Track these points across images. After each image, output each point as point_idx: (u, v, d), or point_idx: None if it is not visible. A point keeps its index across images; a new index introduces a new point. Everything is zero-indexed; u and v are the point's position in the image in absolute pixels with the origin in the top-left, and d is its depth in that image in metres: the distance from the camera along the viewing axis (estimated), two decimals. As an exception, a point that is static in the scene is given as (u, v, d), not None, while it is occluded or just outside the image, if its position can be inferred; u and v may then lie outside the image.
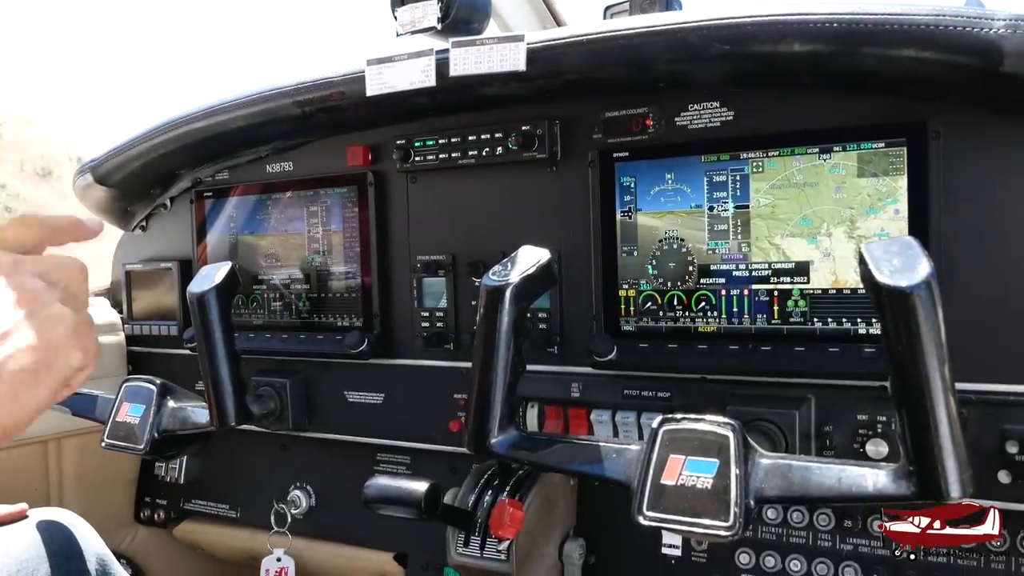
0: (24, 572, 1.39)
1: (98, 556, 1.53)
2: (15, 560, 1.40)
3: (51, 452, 2.00)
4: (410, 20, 1.42)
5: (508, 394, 1.13)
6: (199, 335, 1.41)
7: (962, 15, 1.05)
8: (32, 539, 1.46)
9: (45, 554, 1.45)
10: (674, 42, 1.23)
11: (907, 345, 0.84)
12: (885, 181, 1.25)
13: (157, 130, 1.79)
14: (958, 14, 1.06)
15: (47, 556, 1.44)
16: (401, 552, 1.80)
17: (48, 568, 1.43)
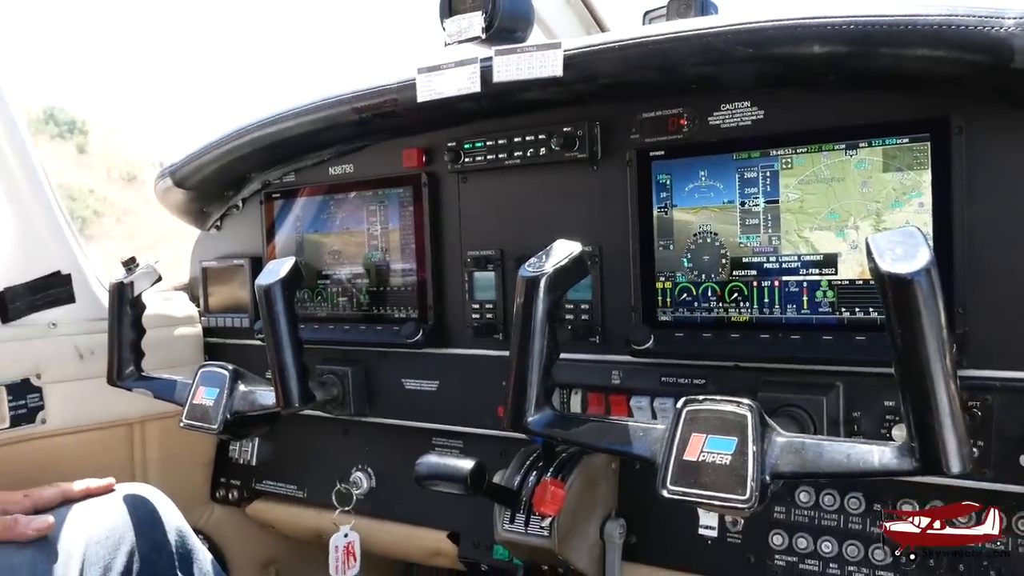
0: (112, 539, 1.55)
1: (177, 528, 1.68)
2: (104, 528, 1.56)
3: (136, 434, 2.17)
4: (457, 30, 1.53)
5: (543, 376, 1.22)
6: (265, 324, 1.54)
7: (973, 14, 1.10)
8: (119, 510, 1.61)
9: (131, 524, 1.60)
10: (700, 46, 1.31)
11: (908, 329, 0.91)
12: (909, 175, 1.30)
13: (229, 137, 1.94)
14: (970, 13, 1.10)
15: (132, 526, 1.60)
16: (454, 531, 1.90)
17: (133, 536, 1.59)
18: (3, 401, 1.89)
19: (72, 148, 40.55)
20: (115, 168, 39.37)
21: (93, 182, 38.21)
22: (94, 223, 36.64)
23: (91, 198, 37.56)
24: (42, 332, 1.97)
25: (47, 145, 39.89)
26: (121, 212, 35.30)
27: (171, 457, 2.23)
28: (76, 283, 2.03)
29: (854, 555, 1.42)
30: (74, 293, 2.03)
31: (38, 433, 1.96)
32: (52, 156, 39.13)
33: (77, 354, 2.01)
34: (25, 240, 1.96)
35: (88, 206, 37.11)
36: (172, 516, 1.69)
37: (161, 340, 2.15)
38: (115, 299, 1.81)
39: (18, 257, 1.95)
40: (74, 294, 2.03)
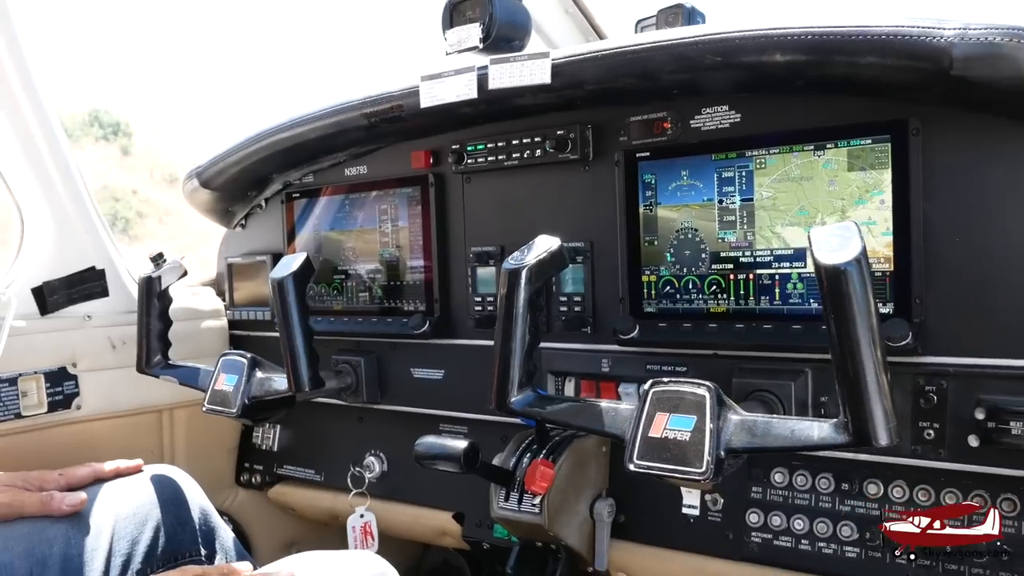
0: (139, 515, 1.67)
1: (201, 506, 1.80)
2: (132, 505, 1.68)
3: (165, 420, 2.32)
4: (457, 40, 1.64)
5: (525, 360, 1.33)
6: (279, 314, 1.66)
7: (917, 25, 1.19)
8: (146, 489, 1.74)
9: (157, 501, 1.72)
10: (674, 55, 1.41)
11: (840, 314, 1.00)
12: (872, 174, 1.38)
13: (250, 140, 2.08)
14: (914, 24, 1.19)
15: (158, 503, 1.72)
16: (459, 512, 2.02)
17: (159, 513, 1.71)
18: (41, 388, 2.04)
19: (116, 150, 41.45)
20: (158, 170, 40.18)
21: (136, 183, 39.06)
22: (137, 224, 37.43)
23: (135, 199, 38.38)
24: (78, 324, 2.12)
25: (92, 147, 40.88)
26: (163, 213, 36.02)
27: (198, 442, 2.37)
28: (109, 278, 2.18)
29: (823, 532, 1.50)
30: (108, 287, 2.18)
31: (73, 418, 2.11)
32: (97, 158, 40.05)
33: (110, 344, 2.16)
34: (62, 238, 2.11)
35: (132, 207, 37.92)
36: (196, 495, 1.81)
37: (189, 332, 2.29)
38: (144, 292, 1.95)
39: (55, 253, 2.11)
40: (108, 288, 2.18)
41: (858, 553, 1.47)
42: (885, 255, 1.38)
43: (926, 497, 1.42)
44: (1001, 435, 1.29)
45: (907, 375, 1.38)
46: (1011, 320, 1.30)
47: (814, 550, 1.51)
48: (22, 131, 2.00)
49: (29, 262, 2.10)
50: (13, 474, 1.63)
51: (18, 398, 1.99)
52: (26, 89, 1.95)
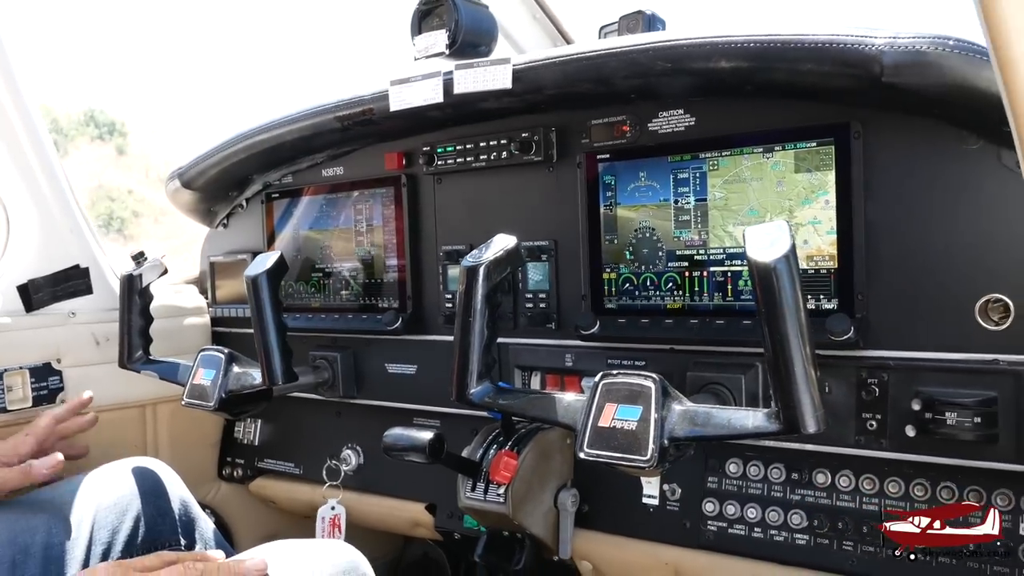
0: (120, 505, 1.73)
1: (181, 497, 1.85)
2: (112, 495, 1.74)
3: (148, 415, 2.37)
4: (425, 47, 1.70)
5: (484, 354, 1.39)
6: (253, 310, 1.72)
7: (851, 34, 1.25)
8: (128, 480, 1.79)
9: (138, 492, 1.78)
10: (626, 61, 1.47)
11: (770, 309, 1.06)
12: (817, 175, 1.44)
13: (229, 142, 2.14)
14: (849, 33, 1.25)
15: (139, 494, 1.77)
16: (431, 503, 2.07)
17: (140, 504, 1.76)
18: (26, 383, 2.10)
19: (112, 150, 41.43)
20: (153, 169, 40.17)
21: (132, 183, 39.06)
22: (133, 223, 37.44)
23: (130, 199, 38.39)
24: (62, 320, 2.18)
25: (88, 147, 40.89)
26: (159, 212, 36.00)
27: (181, 437, 2.42)
28: (93, 276, 2.24)
29: (775, 520, 1.56)
30: (92, 285, 2.24)
31: (58, 412, 2.16)
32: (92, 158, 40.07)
33: (94, 340, 2.22)
34: (47, 237, 2.17)
35: (127, 207, 37.93)
36: (176, 487, 1.86)
37: (172, 329, 2.35)
38: (125, 289, 2.01)
39: (41, 252, 2.17)
40: (92, 286, 2.24)
41: (807, 540, 1.53)
42: (830, 253, 1.44)
43: (871, 486, 1.48)
44: (938, 425, 1.34)
45: (850, 368, 1.44)
46: (946, 315, 1.36)
47: (766, 538, 1.57)
48: (8, 135, 2.06)
49: (15, 260, 2.16)
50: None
51: (3, 392, 2.05)
52: (11, 93, 2.01)
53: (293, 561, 1.49)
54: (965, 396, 1.33)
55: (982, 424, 1.31)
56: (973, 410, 1.32)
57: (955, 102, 1.23)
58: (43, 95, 16.33)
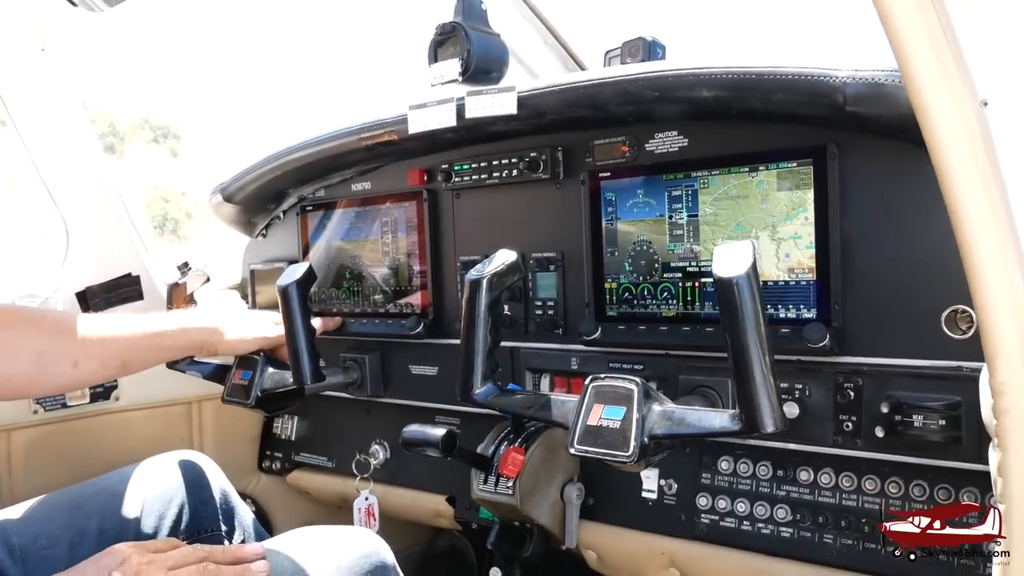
0: (166, 495, 1.89)
1: (222, 488, 2.01)
2: (160, 486, 1.90)
3: (193, 411, 2.56)
4: (440, 74, 1.85)
5: (487, 358, 1.53)
6: (284, 316, 1.88)
7: (817, 67, 1.36)
8: (173, 471, 1.95)
9: (182, 483, 1.93)
10: (618, 90, 1.60)
11: (732, 320, 1.18)
12: (797, 194, 1.55)
13: (267, 160, 2.31)
14: (815, 67, 1.37)
15: (184, 485, 1.93)
16: (451, 495, 2.22)
17: (184, 493, 1.92)
18: (85, 381, 2.29)
19: (166, 152, 42.50)
20: (206, 171, 41.17)
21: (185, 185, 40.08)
22: (186, 224, 38.35)
23: (184, 200, 39.36)
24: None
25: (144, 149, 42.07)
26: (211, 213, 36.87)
27: (223, 432, 2.61)
28: (144, 283, 2.44)
29: (762, 514, 1.68)
30: (142, 291, 2.44)
31: (112, 408, 2.37)
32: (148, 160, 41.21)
33: (145, 342, 2.41)
34: (102, 247, 2.38)
35: (181, 208, 38.87)
36: (217, 478, 2.02)
37: (215, 332, 2.53)
38: (171, 295, 2.19)
39: (96, 262, 2.37)
40: (142, 292, 2.44)
41: (791, 533, 1.64)
42: (809, 266, 1.55)
43: (849, 483, 1.58)
44: (906, 427, 1.45)
45: (828, 373, 1.55)
46: (916, 324, 1.46)
47: (754, 530, 1.68)
48: (71, 160, 2.26)
49: (73, 269, 2.37)
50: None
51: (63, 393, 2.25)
52: (75, 125, 2.21)
53: (321, 545, 1.64)
54: (932, 400, 1.43)
55: (947, 426, 1.41)
56: (939, 413, 1.42)
57: (913, 127, 1.33)
58: (101, 100, 17.06)
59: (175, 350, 1.92)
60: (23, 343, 1.66)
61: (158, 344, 1.85)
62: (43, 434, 2.28)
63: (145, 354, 1.85)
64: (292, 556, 1.55)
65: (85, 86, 4.35)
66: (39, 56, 2.16)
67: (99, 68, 40.43)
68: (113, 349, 1.78)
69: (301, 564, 1.53)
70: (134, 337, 1.80)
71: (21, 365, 1.66)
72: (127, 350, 1.80)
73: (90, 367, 1.76)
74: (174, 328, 1.86)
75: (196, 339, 1.91)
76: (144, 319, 1.84)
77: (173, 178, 39.55)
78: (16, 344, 1.66)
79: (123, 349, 1.79)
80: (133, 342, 1.80)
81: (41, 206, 2.78)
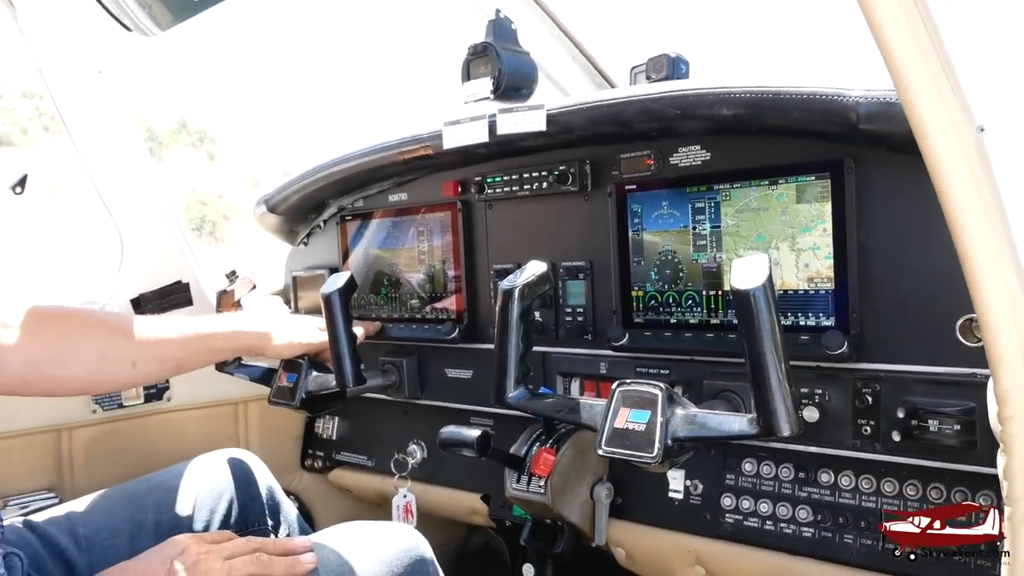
0: (216, 490, 2.00)
1: (268, 485, 2.11)
2: (211, 482, 2.01)
3: (240, 412, 2.69)
4: (472, 92, 1.93)
5: (519, 363, 1.61)
6: (328, 322, 1.99)
7: (832, 87, 1.43)
8: (223, 469, 2.06)
9: (232, 479, 2.04)
10: (641, 108, 1.68)
11: (749, 330, 1.25)
12: (816, 206, 1.61)
13: (308, 173, 2.43)
14: (830, 87, 1.43)
15: (233, 481, 2.04)
16: (486, 494, 2.31)
17: (233, 489, 2.03)
18: (140, 383, 2.43)
19: (203, 155, 43.23)
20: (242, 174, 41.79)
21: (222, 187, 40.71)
22: (223, 226, 38.97)
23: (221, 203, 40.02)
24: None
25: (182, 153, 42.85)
26: (247, 216, 37.41)
27: (268, 431, 2.73)
28: (193, 290, 2.56)
29: (784, 514, 1.74)
30: (192, 298, 2.56)
31: (164, 408, 2.50)
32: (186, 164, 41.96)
33: (194, 347, 2.54)
34: (155, 257, 2.51)
35: (219, 210, 39.52)
36: (264, 475, 2.13)
37: (260, 336, 2.65)
38: (219, 302, 2.31)
39: (149, 270, 2.50)
40: (192, 298, 2.56)
41: (812, 533, 1.70)
42: (828, 276, 1.61)
43: (869, 485, 1.64)
44: (922, 432, 1.50)
45: (847, 379, 1.61)
46: (932, 332, 1.51)
47: (776, 530, 1.75)
48: (124, 172, 2.40)
49: (128, 277, 2.50)
50: None
51: (120, 391, 2.38)
52: (128, 140, 2.34)
53: (363, 539, 1.73)
54: (947, 406, 1.49)
55: (962, 431, 1.47)
56: (954, 418, 1.48)
57: (925, 144, 1.40)
58: (140, 106, 17.49)
59: (226, 351, 2.03)
60: (87, 343, 1.78)
61: (210, 346, 1.96)
62: (101, 432, 2.41)
63: (198, 355, 1.96)
64: (337, 549, 1.64)
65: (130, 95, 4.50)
66: (97, 78, 2.29)
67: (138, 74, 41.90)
68: (168, 350, 1.89)
69: (345, 557, 1.63)
70: (187, 339, 1.91)
71: (85, 364, 1.78)
72: (181, 351, 1.91)
73: (147, 367, 1.87)
74: (226, 331, 1.97)
75: (246, 342, 2.02)
76: (197, 322, 1.95)
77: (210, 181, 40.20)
78: (80, 344, 1.77)
79: (177, 350, 1.91)
80: (187, 343, 1.91)
81: (85, 209, 2.94)
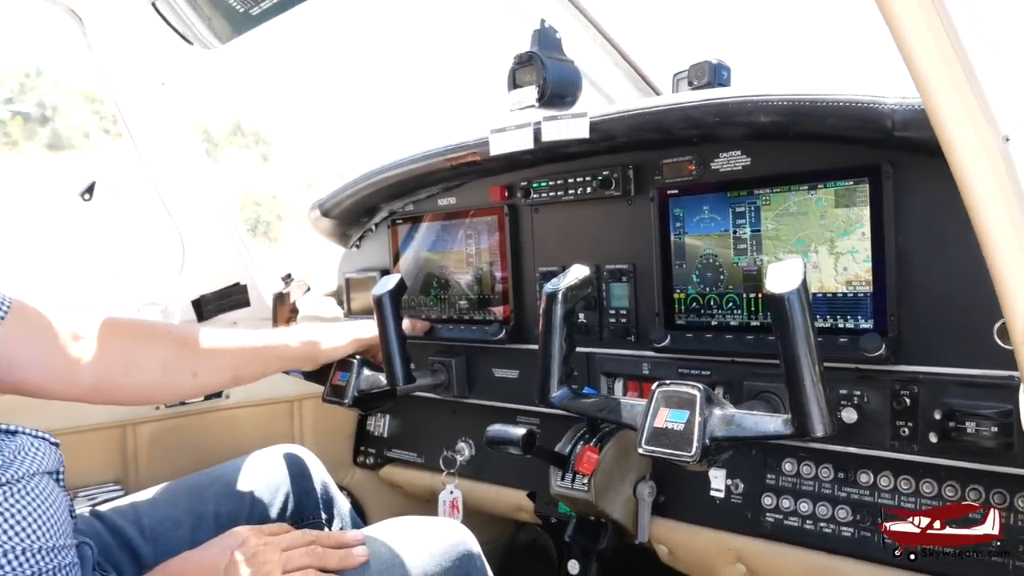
0: (273, 485, 2.09)
1: (322, 480, 2.20)
2: (268, 476, 2.10)
3: (295, 409, 2.79)
4: (518, 100, 2.00)
5: (562, 364, 1.67)
6: (378, 323, 2.07)
7: (867, 95, 1.45)
8: (279, 464, 2.15)
9: (287, 474, 2.13)
10: (682, 116, 1.72)
11: (784, 333, 1.29)
12: (854, 210, 1.64)
13: (361, 178, 2.52)
14: (865, 94, 1.46)
15: (288, 476, 2.12)
16: (532, 491, 2.37)
17: (289, 484, 2.11)
18: (200, 381, 2.54)
19: (258, 157, 44.00)
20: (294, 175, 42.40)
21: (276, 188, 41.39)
22: (277, 227, 39.63)
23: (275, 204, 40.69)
24: (226, 328, 2.61)
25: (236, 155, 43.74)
26: (300, 216, 37.97)
27: (322, 428, 2.83)
28: (250, 292, 2.67)
29: (824, 514, 1.77)
30: (249, 299, 2.67)
31: (223, 406, 2.61)
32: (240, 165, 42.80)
33: (252, 346, 2.65)
34: (215, 260, 2.62)
35: (272, 211, 40.20)
36: (318, 470, 2.21)
37: (314, 336, 2.75)
38: (276, 304, 2.41)
39: (209, 272, 2.62)
40: (249, 300, 2.68)
41: (852, 533, 1.73)
42: (866, 279, 1.64)
43: (907, 486, 1.66)
44: (960, 433, 1.52)
45: (885, 381, 1.63)
46: (969, 335, 1.53)
47: (816, 529, 1.78)
48: (186, 179, 2.52)
49: (189, 280, 2.62)
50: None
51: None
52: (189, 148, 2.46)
53: (414, 534, 1.80)
54: (984, 408, 1.50)
55: (999, 433, 1.49)
56: (991, 420, 1.49)
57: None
58: (197, 110, 18.32)
59: (283, 362, 2.11)
60: (151, 354, 1.85)
61: (265, 358, 2.04)
62: (164, 428, 2.53)
63: (253, 367, 2.04)
64: (388, 543, 1.71)
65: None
66: (160, 90, 2.41)
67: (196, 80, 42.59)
68: (227, 362, 1.98)
69: (396, 550, 1.70)
70: (245, 351, 2.00)
71: (149, 374, 1.85)
72: (239, 363, 2.00)
73: (207, 378, 1.96)
74: (279, 344, 2.06)
75: (298, 353, 2.10)
76: (254, 335, 2.04)
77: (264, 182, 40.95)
78: (145, 355, 1.84)
79: (236, 362, 1.99)
80: (244, 356, 2.00)
81: (145, 210, 3.10)
